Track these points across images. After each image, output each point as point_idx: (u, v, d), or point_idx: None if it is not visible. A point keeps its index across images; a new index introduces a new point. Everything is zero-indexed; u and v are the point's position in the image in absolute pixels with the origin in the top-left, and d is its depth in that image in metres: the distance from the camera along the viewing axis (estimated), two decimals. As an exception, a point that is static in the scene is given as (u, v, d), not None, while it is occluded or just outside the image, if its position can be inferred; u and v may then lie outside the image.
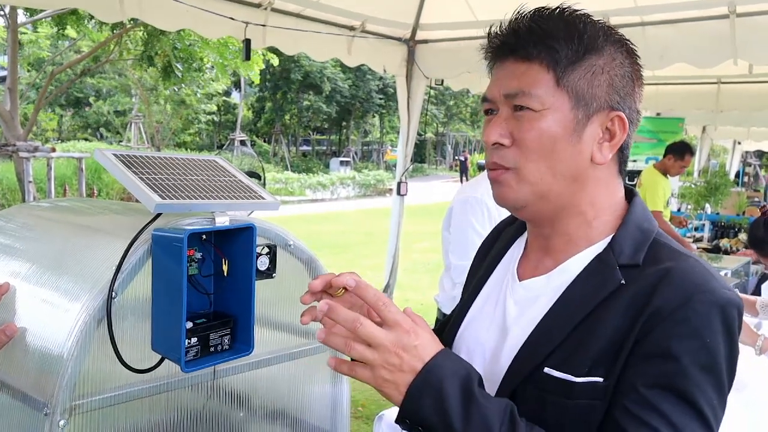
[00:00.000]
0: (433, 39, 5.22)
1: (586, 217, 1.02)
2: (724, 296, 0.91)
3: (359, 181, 26.63)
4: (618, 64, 0.98)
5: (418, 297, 7.74)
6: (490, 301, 1.12)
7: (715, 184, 7.65)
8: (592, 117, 0.97)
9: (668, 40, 3.98)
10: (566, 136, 0.96)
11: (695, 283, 0.91)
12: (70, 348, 1.11)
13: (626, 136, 0.99)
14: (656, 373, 0.89)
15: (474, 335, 1.11)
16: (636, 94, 1.01)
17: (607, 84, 0.97)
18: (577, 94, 0.96)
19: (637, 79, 1.01)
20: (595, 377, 0.92)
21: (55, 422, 1.09)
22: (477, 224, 2.74)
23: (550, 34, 0.96)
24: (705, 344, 0.88)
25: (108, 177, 17.47)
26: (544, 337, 0.98)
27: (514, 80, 0.97)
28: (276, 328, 1.49)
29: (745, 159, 16.64)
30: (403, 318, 0.90)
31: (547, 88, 0.96)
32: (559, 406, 0.93)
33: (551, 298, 1.00)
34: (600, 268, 0.98)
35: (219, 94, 29.56)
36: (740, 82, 6.90)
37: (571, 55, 0.95)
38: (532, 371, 0.96)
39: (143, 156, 1.29)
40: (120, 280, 1.16)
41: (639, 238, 0.99)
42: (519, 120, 0.97)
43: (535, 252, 1.09)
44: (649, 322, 0.90)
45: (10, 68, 12.02)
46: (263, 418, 1.52)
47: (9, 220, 1.56)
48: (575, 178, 0.99)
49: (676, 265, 0.93)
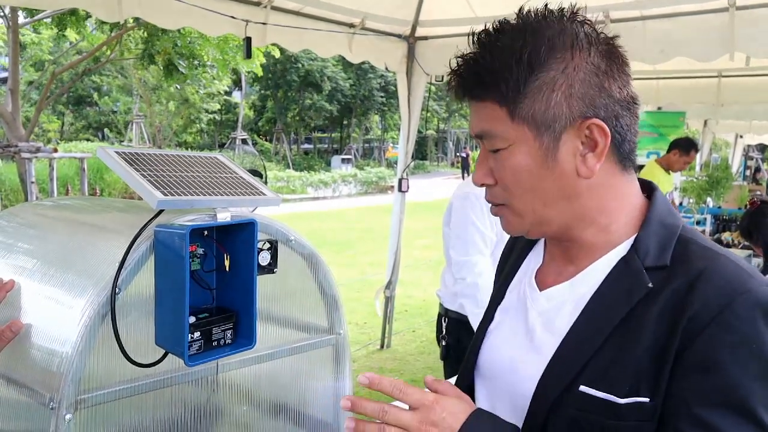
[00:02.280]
0: (432, 35, 5.22)
1: (599, 226, 0.97)
2: (765, 294, 0.85)
3: (361, 179, 26.64)
4: (572, 70, 0.90)
5: (419, 294, 7.76)
6: (510, 315, 1.08)
7: (717, 178, 7.64)
8: (561, 137, 0.92)
9: (668, 34, 3.97)
10: (540, 164, 0.93)
11: (733, 285, 0.86)
12: (75, 343, 1.13)
13: (609, 138, 0.92)
14: (707, 389, 0.83)
15: (497, 354, 1.07)
16: (610, 87, 0.92)
17: (566, 97, 0.90)
18: (536, 121, 0.91)
19: (606, 70, 0.92)
20: (641, 397, 0.87)
21: (61, 416, 1.11)
22: (477, 220, 2.75)
23: (489, 68, 0.91)
24: (753, 350, 0.83)
25: (110, 176, 17.50)
26: (574, 350, 0.93)
27: (477, 121, 0.96)
28: (278, 322, 1.50)
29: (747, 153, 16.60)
30: (423, 395, 0.90)
31: (504, 125, 0.92)
32: (602, 428, 0.88)
33: (577, 307, 0.96)
34: (626, 272, 0.93)
35: (220, 94, 29.57)
36: (741, 75, 6.88)
37: (514, 85, 0.90)
38: (565, 390, 0.92)
39: (145, 153, 1.30)
40: (123, 276, 1.17)
41: (664, 235, 0.94)
42: (496, 159, 0.96)
43: (556, 259, 1.05)
44: (689, 331, 0.85)
45: (12, 69, 12.06)
46: (266, 413, 1.53)
47: (13, 218, 1.57)
48: (568, 197, 0.95)
49: (709, 266, 0.88)
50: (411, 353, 5.77)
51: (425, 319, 6.70)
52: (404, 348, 5.92)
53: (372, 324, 6.44)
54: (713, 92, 7.10)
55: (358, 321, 6.64)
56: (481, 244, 2.75)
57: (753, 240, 3.05)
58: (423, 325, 6.57)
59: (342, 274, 8.72)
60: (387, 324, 5.83)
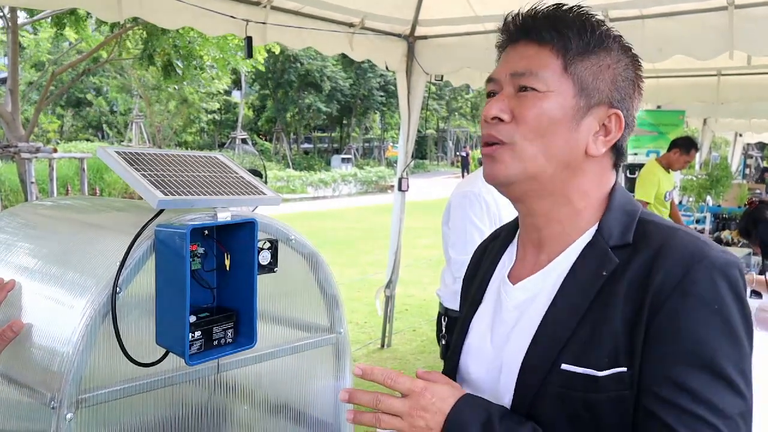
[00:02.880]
0: (432, 35, 5.22)
1: (575, 207, 1.03)
2: (721, 259, 0.91)
3: (361, 178, 26.65)
4: (623, 66, 1.01)
5: (420, 293, 7.76)
6: (488, 317, 1.11)
7: (717, 177, 7.64)
8: (592, 109, 0.99)
9: (667, 32, 3.98)
10: (565, 121, 0.98)
11: (691, 253, 0.92)
12: (76, 342, 1.13)
13: (621, 135, 1.02)
14: (675, 352, 0.89)
15: (477, 355, 1.10)
16: (635, 99, 1.04)
17: (611, 81, 1.00)
18: (582, 84, 0.99)
19: (637, 86, 1.04)
20: (619, 368, 0.91)
21: (62, 415, 1.11)
22: (476, 218, 2.75)
23: (565, 22, 1.00)
24: (715, 310, 0.88)
25: (110, 177, 17.50)
26: (553, 332, 0.97)
27: (523, 60, 1.01)
28: (278, 322, 1.50)
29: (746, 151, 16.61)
30: (413, 383, 0.96)
31: (553, 72, 0.98)
32: (586, 402, 0.93)
33: (551, 292, 1.01)
34: (593, 253, 0.99)
35: (220, 93, 29.57)
36: (740, 74, 6.88)
37: (581, 46, 0.99)
38: (548, 371, 0.96)
39: (146, 153, 1.30)
40: (124, 275, 1.17)
41: (624, 219, 1.00)
42: (522, 99, 1.00)
43: (529, 249, 1.09)
44: (654, 301, 0.90)
45: (11, 69, 12.05)
46: (267, 412, 1.53)
47: (13, 218, 1.57)
48: (567, 164, 1.00)
49: (668, 240, 0.95)
50: (411, 352, 5.77)
51: (426, 319, 6.70)
52: (404, 347, 5.93)
53: (372, 323, 6.44)
54: (713, 91, 7.11)
55: (358, 320, 6.64)
56: (479, 242, 2.75)
57: (751, 239, 3.07)
58: (423, 325, 6.57)
59: (342, 274, 8.72)
60: (387, 323, 5.84)
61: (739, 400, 0.88)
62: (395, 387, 0.96)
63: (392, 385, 0.96)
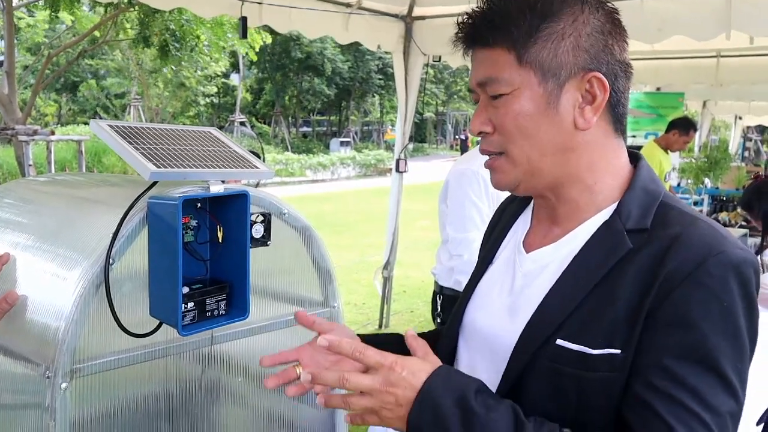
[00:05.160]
0: (430, 15, 5.19)
1: (586, 183, 1.00)
2: (738, 256, 0.89)
3: (359, 161, 26.60)
4: (581, 23, 0.95)
5: (418, 274, 7.78)
6: (498, 278, 1.11)
7: (715, 159, 7.64)
8: (565, 85, 0.95)
9: (666, 12, 3.95)
10: (541, 111, 0.96)
11: (708, 246, 0.89)
12: (70, 313, 1.14)
13: (608, 94, 0.96)
14: (676, 342, 0.87)
15: (483, 314, 1.10)
16: (612, 46, 0.97)
17: (573, 47, 0.94)
18: (542, 67, 0.95)
19: (611, 32, 0.97)
20: (612, 349, 0.90)
21: (57, 384, 1.12)
22: (474, 196, 2.76)
23: (501, 14, 0.96)
24: (723, 308, 0.87)
25: (108, 160, 17.47)
26: (554, 307, 0.96)
27: (482, 68, 0.99)
28: (272, 296, 1.51)
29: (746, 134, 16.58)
30: (382, 357, 0.91)
31: (511, 69, 0.96)
32: (575, 379, 0.92)
33: (559, 267, 0.99)
34: (608, 234, 0.97)
35: (218, 76, 29.42)
36: (740, 55, 6.86)
37: (526, 30, 0.94)
38: (543, 343, 0.95)
39: (138, 127, 1.30)
40: (117, 246, 1.18)
41: (646, 200, 0.98)
42: (496, 107, 0.98)
43: (543, 222, 1.08)
44: (663, 289, 0.88)
45: (7, 52, 11.98)
46: (260, 385, 1.54)
47: (8, 193, 1.58)
48: (563, 148, 0.98)
49: (687, 229, 0.92)
50: (409, 333, 5.80)
51: (423, 300, 6.72)
52: (402, 328, 5.91)
53: (370, 305, 6.47)
54: (712, 73, 7.09)
55: (356, 302, 6.66)
56: (478, 220, 2.75)
57: (753, 213, 3.05)
58: (421, 306, 6.60)
59: (341, 256, 8.74)
60: (385, 304, 5.86)
61: (732, 401, 0.87)
62: (364, 361, 0.92)
63: (360, 359, 0.92)
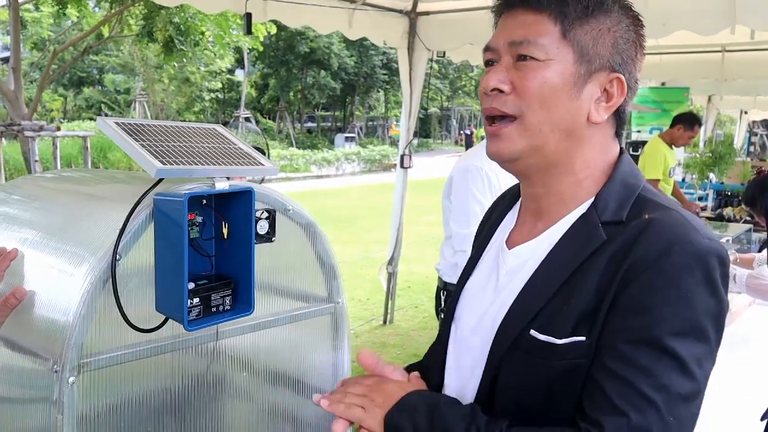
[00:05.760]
0: (434, 11, 5.19)
1: (577, 177, 1.01)
2: (704, 246, 0.89)
3: (364, 157, 26.61)
4: (624, 28, 0.99)
5: (422, 270, 7.79)
6: (485, 276, 1.13)
7: (720, 154, 7.62)
8: (593, 75, 0.97)
9: (670, 7, 3.95)
10: (566, 89, 0.97)
11: (676, 235, 0.90)
12: (78, 308, 1.16)
13: (623, 100, 1.00)
14: (633, 326, 0.88)
15: (469, 312, 1.13)
16: (637, 61, 1.01)
17: (612, 44, 0.98)
18: (581, 50, 0.96)
19: (640, 46, 1.01)
20: (578, 337, 0.92)
21: (65, 379, 1.14)
22: (478, 192, 2.76)
23: None
24: (683, 295, 0.87)
25: (114, 156, 17.52)
26: (528, 299, 0.98)
27: (520, 29, 0.98)
28: (276, 292, 1.52)
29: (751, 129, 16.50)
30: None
31: (552, 39, 0.96)
32: (546, 368, 0.94)
33: (539, 261, 1.01)
34: (584, 228, 0.98)
35: (223, 72, 29.44)
36: (745, 50, 6.83)
37: (579, 11, 0.96)
38: (518, 335, 0.97)
39: (145, 124, 1.32)
40: (124, 243, 1.20)
41: (623, 193, 0.99)
42: (521, 69, 0.97)
43: (528, 217, 1.09)
44: (627, 276, 0.89)
45: (13, 48, 12.01)
46: (265, 381, 1.56)
47: (15, 190, 1.60)
48: (570, 133, 0.99)
49: (657, 217, 0.93)
50: (413, 329, 5.82)
51: (428, 295, 6.73)
52: (407, 324, 5.97)
53: (375, 300, 6.48)
54: (717, 67, 7.06)
55: (361, 297, 6.68)
56: (482, 216, 2.76)
57: (756, 209, 3.04)
58: (425, 301, 6.61)
59: (346, 251, 8.75)
60: (390, 300, 5.87)
61: (687, 383, 0.86)
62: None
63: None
